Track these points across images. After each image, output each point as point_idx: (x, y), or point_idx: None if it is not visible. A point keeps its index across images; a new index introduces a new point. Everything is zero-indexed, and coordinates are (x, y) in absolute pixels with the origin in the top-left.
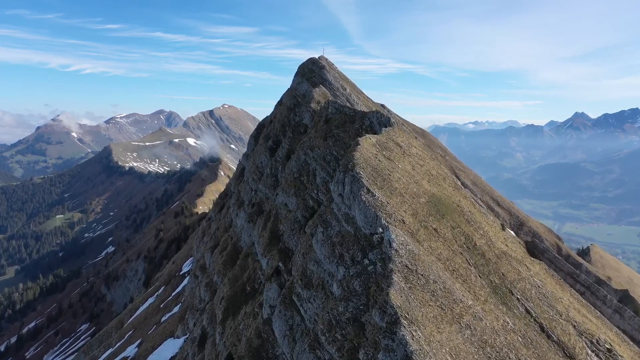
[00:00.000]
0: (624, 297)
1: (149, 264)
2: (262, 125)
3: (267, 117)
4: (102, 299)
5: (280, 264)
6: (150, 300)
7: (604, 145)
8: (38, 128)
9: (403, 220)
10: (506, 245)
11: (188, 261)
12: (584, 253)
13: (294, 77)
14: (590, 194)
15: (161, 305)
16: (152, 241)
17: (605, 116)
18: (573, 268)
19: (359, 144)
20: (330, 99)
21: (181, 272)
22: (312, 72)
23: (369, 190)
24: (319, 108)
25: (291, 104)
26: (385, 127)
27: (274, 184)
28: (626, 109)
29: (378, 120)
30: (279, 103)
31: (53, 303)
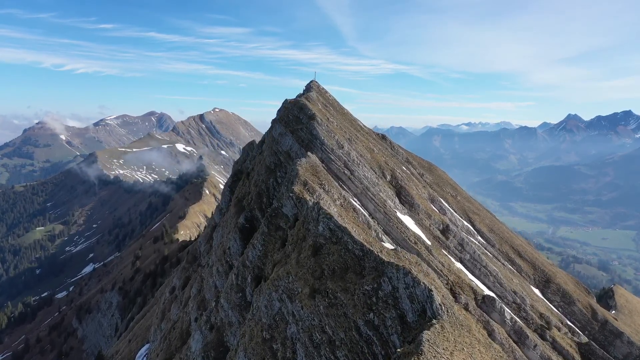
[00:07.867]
0: None
1: (124, 298)
2: (239, 172)
3: (248, 147)
4: (73, 334)
5: None
6: None
7: (598, 148)
8: (25, 130)
9: None
10: None
11: (143, 349)
12: (608, 296)
13: (276, 123)
14: (584, 197)
15: None
16: (128, 269)
17: (598, 118)
18: None
19: None
20: (321, 186)
21: None
22: (298, 122)
23: None
24: (304, 197)
25: (271, 162)
26: (422, 304)
27: (240, 304)
28: (619, 111)
29: (408, 290)
30: (260, 150)
31: (21, 334)
